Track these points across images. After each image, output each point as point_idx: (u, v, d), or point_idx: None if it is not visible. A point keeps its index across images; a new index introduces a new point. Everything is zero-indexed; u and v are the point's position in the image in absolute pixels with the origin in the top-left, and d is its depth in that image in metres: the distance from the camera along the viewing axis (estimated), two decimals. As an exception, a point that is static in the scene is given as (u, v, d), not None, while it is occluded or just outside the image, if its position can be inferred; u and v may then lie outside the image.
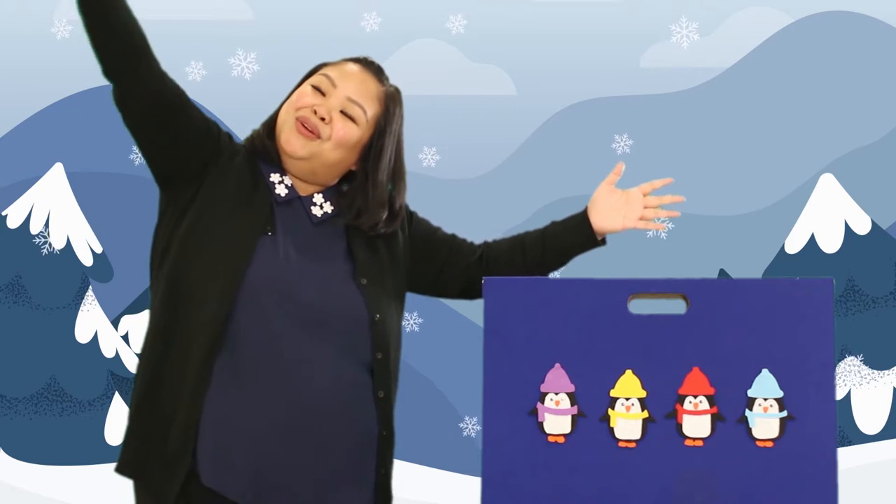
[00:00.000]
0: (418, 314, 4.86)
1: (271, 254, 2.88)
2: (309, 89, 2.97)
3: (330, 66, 3.01)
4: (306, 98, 2.97)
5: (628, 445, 2.72)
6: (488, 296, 2.76)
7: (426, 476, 4.89)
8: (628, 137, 5.04)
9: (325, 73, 2.99)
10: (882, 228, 5.03)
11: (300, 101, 2.97)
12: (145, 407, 2.86)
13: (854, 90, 5.04)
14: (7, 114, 5.04)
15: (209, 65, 4.99)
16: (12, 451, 5.00)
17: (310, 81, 2.99)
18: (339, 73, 2.99)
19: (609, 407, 2.73)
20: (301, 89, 2.99)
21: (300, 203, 2.98)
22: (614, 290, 2.75)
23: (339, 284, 2.93)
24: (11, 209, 5.04)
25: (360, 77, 2.99)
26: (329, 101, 2.96)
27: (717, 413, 2.70)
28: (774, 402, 2.69)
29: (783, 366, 2.70)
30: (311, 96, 2.96)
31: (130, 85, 2.87)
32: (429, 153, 5.02)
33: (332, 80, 2.97)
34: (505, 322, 2.75)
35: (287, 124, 2.97)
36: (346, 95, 2.97)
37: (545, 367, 2.75)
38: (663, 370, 2.71)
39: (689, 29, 5.06)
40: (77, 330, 5.01)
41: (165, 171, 2.98)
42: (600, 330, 2.73)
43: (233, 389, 2.82)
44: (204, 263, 2.85)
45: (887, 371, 5.01)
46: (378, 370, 2.97)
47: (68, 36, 5.05)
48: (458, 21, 5.08)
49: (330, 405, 2.88)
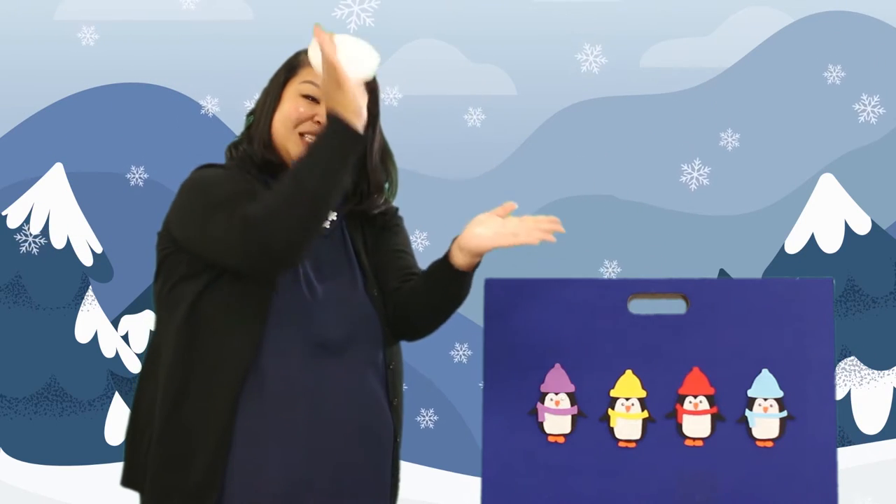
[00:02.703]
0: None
1: (292, 282, 2.87)
2: (300, 100, 2.95)
3: (310, 70, 2.95)
4: (302, 110, 2.94)
5: (628, 445, 2.72)
6: (488, 296, 2.76)
7: (426, 476, 4.89)
8: (628, 138, 5.04)
9: (309, 79, 2.96)
10: (882, 228, 5.03)
11: (296, 114, 2.94)
12: (169, 435, 2.83)
13: (854, 90, 5.04)
14: (7, 114, 5.04)
15: (209, 64, 4.99)
16: (12, 451, 5.00)
17: (298, 90, 2.96)
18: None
19: (609, 407, 2.73)
20: (292, 102, 2.95)
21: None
22: (614, 290, 2.75)
23: (358, 307, 2.93)
24: (11, 209, 5.04)
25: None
26: (323, 108, 2.93)
27: (717, 413, 2.70)
28: (774, 402, 2.70)
29: (783, 366, 2.70)
30: (306, 107, 2.94)
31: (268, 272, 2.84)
32: (429, 153, 5.02)
33: (318, 84, 2.93)
34: (505, 322, 2.75)
35: (291, 142, 2.94)
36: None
37: (545, 367, 2.75)
38: (663, 370, 2.71)
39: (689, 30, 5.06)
40: (77, 330, 5.01)
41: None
42: (600, 330, 2.73)
43: (259, 419, 2.81)
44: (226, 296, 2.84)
45: (887, 371, 5.01)
46: (391, 379, 2.98)
47: (68, 36, 5.05)
48: (458, 21, 5.08)
49: (356, 426, 2.90)
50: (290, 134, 2.94)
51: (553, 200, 5.03)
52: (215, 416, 2.80)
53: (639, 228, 5.00)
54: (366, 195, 3.02)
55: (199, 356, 2.83)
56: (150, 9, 5.05)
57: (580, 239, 4.93)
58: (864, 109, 5.03)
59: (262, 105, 2.99)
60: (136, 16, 5.05)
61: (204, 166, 2.96)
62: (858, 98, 5.03)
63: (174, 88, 4.97)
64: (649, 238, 5.00)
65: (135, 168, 4.98)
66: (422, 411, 4.93)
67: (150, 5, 5.06)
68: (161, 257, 2.93)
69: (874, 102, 5.03)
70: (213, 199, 2.82)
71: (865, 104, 5.03)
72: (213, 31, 5.03)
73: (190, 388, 2.82)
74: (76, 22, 5.06)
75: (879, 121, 5.03)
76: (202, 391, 2.81)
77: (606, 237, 4.98)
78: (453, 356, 4.92)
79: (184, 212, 2.88)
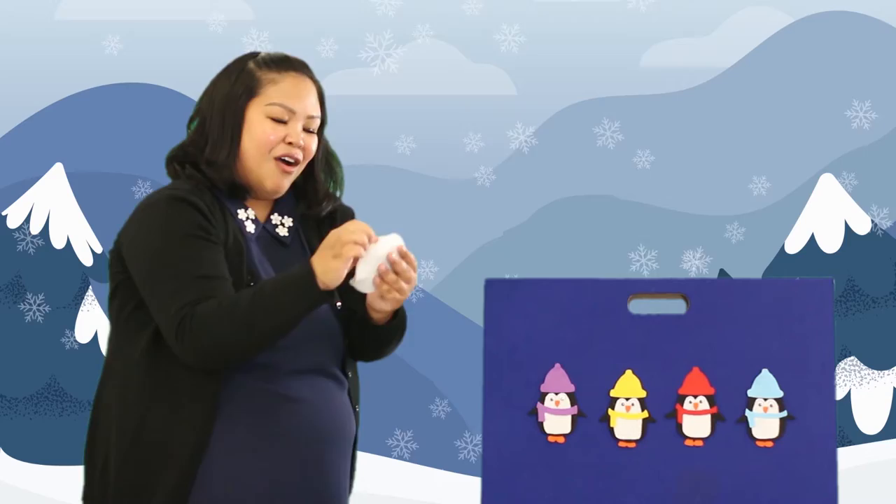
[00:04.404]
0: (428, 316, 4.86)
1: None
2: (269, 124, 2.88)
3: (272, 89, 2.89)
4: (272, 134, 2.88)
5: (628, 445, 2.72)
6: (488, 296, 2.76)
7: (426, 476, 4.89)
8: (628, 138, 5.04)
9: (275, 101, 2.89)
10: (882, 228, 5.03)
11: (265, 138, 2.87)
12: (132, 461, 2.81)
13: (854, 90, 5.04)
14: (7, 114, 5.04)
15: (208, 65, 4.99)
16: (12, 451, 5.00)
17: (265, 112, 2.88)
18: (287, 94, 2.90)
19: (609, 407, 2.73)
20: (261, 126, 2.88)
21: (266, 232, 2.94)
22: (614, 290, 2.75)
23: (324, 322, 2.90)
24: (11, 209, 5.04)
25: (306, 88, 2.91)
26: (293, 127, 2.89)
27: (717, 413, 2.70)
28: (774, 402, 2.69)
29: (783, 366, 2.70)
30: (275, 130, 2.88)
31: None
32: (428, 153, 5.02)
33: (286, 106, 2.88)
34: (505, 322, 2.75)
35: (266, 168, 2.88)
36: (305, 114, 2.91)
37: (545, 367, 2.74)
38: (663, 370, 2.71)
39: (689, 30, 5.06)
40: (77, 330, 5.01)
41: None
42: (600, 330, 2.73)
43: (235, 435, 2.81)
44: None
45: (887, 371, 5.01)
46: (352, 387, 2.98)
47: (69, 35, 5.05)
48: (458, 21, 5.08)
49: (331, 440, 2.90)
50: (264, 160, 2.89)
51: (553, 200, 5.03)
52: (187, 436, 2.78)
53: (639, 228, 5.00)
54: (314, 201, 3.01)
55: (169, 382, 2.80)
56: (150, 9, 5.05)
57: (580, 239, 4.94)
58: (864, 109, 5.03)
59: (219, 127, 2.91)
60: (137, 16, 5.05)
61: (167, 196, 2.86)
62: (859, 98, 5.03)
63: (174, 88, 4.97)
64: (649, 238, 5.00)
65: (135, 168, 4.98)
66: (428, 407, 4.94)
67: (150, 5, 5.06)
68: (116, 281, 2.89)
69: (874, 102, 5.03)
70: (169, 268, 2.78)
71: (865, 104, 5.03)
72: (213, 31, 5.03)
73: (155, 412, 2.80)
74: (76, 22, 5.06)
75: (879, 121, 5.03)
76: (170, 416, 2.80)
77: (606, 237, 4.98)
78: (453, 356, 4.92)
79: (138, 255, 2.84)
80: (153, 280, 2.80)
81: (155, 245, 2.82)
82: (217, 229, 2.83)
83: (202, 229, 2.81)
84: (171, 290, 2.77)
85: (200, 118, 2.96)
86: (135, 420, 2.81)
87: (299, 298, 2.74)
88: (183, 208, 2.83)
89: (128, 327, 2.87)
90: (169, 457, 2.79)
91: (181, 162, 2.94)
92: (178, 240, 2.80)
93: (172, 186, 2.90)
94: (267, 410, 2.83)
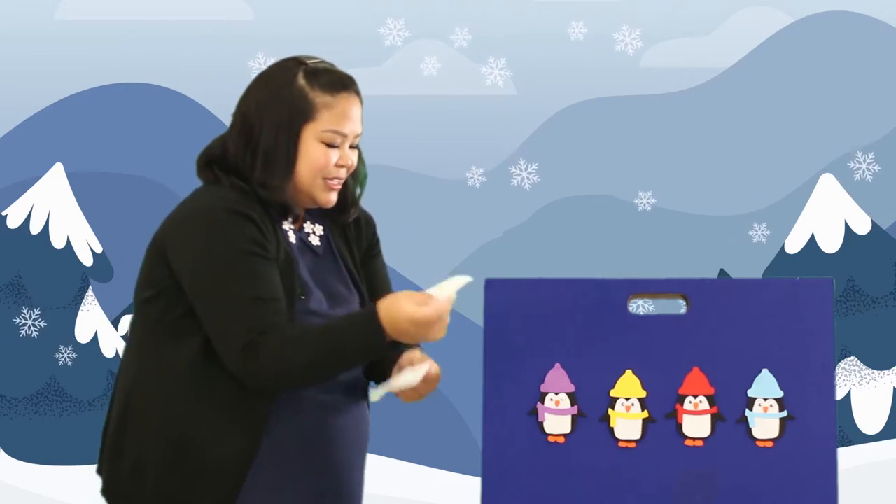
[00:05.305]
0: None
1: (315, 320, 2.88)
2: (323, 149, 2.88)
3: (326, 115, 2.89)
4: (327, 159, 2.88)
5: (628, 445, 2.72)
6: (488, 296, 2.76)
7: (426, 476, 4.89)
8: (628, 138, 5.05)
9: (331, 128, 2.89)
10: (882, 228, 5.03)
11: (319, 164, 2.88)
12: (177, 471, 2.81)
13: (854, 90, 5.04)
14: (7, 114, 5.04)
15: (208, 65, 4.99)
16: (12, 451, 5.00)
17: (320, 138, 2.88)
18: (340, 119, 2.90)
19: (609, 407, 2.73)
20: (317, 151, 2.88)
21: (303, 241, 2.95)
22: (614, 290, 2.75)
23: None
24: (11, 209, 5.04)
25: (356, 107, 2.93)
26: (344, 149, 2.91)
27: (717, 413, 2.70)
28: (774, 402, 2.70)
29: (783, 366, 2.70)
30: (329, 155, 2.89)
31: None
32: (428, 154, 5.02)
33: (340, 131, 2.89)
34: (505, 322, 2.75)
35: (316, 188, 2.89)
36: (354, 134, 2.93)
37: (545, 367, 2.75)
38: (663, 370, 2.71)
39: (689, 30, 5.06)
40: (77, 330, 5.01)
41: None
42: (600, 330, 2.73)
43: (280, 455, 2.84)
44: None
45: (887, 371, 5.01)
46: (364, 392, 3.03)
47: (69, 35, 5.05)
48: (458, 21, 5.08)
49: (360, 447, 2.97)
50: (316, 181, 2.89)
51: (553, 200, 5.03)
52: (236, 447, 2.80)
53: (639, 228, 5.00)
54: (345, 208, 3.01)
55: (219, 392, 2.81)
56: (150, 9, 5.05)
57: (580, 239, 4.94)
58: (864, 109, 5.03)
59: (272, 150, 2.88)
60: (136, 15, 5.05)
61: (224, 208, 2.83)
62: (858, 98, 5.03)
63: (174, 88, 4.97)
64: (649, 238, 5.01)
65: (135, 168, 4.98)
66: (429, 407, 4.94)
67: (150, 5, 5.06)
68: (160, 285, 2.85)
69: (874, 102, 5.03)
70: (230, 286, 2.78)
71: (865, 104, 5.03)
72: (213, 31, 5.03)
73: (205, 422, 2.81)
74: (76, 22, 5.06)
75: (879, 121, 5.03)
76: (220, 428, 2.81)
77: (606, 237, 4.98)
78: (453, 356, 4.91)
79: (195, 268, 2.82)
80: (213, 297, 2.79)
81: (215, 262, 2.80)
82: (271, 244, 2.83)
83: (260, 246, 2.81)
84: (232, 310, 2.77)
85: (245, 127, 2.91)
86: (180, 429, 2.81)
87: (369, 352, 2.81)
88: (242, 223, 2.81)
89: (173, 332, 2.84)
90: (217, 467, 2.80)
91: (223, 169, 2.91)
92: (238, 257, 2.79)
93: (223, 196, 2.86)
94: (313, 422, 2.87)
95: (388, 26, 5.06)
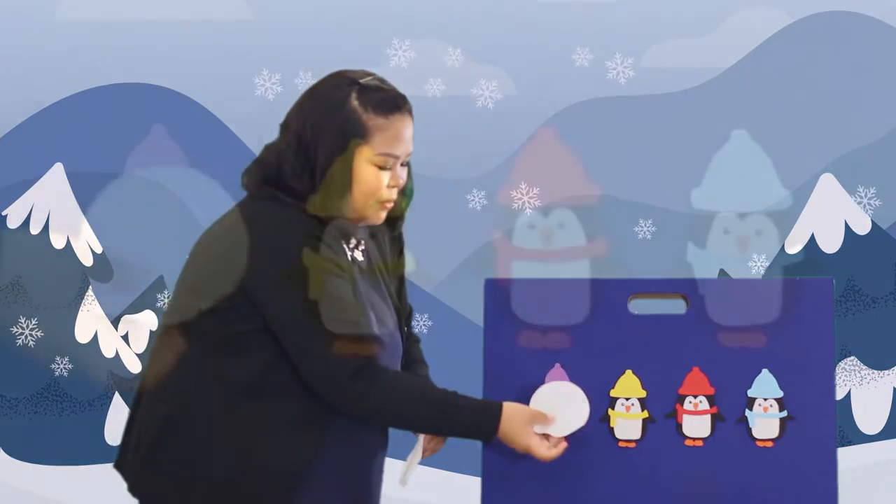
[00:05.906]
0: (428, 316, 4.86)
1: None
2: (376, 173, 2.86)
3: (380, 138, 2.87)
4: (379, 182, 2.87)
5: (628, 445, 2.72)
6: (488, 296, 2.76)
7: (426, 476, 4.89)
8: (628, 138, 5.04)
9: (385, 151, 2.86)
10: (882, 228, 5.03)
11: (372, 187, 2.86)
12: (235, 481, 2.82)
13: (854, 90, 5.04)
14: (7, 114, 5.04)
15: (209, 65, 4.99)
16: (12, 451, 5.00)
17: (374, 161, 2.86)
18: (394, 141, 2.89)
19: (609, 407, 2.73)
20: (371, 174, 2.86)
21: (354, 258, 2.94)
22: (614, 290, 2.75)
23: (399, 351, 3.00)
24: (11, 209, 5.04)
25: (408, 128, 2.91)
26: (395, 170, 2.89)
27: (717, 413, 2.71)
28: (774, 402, 2.70)
29: (783, 366, 2.70)
30: (382, 178, 2.87)
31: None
32: (428, 153, 5.02)
33: (393, 154, 2.88)
34: (505, 322, 2.75)
35: (371, 209, 2.88)
36: (406, 154, 2.92)
37: (545, 367, 2.75)
38: (663, 370, 2.72)
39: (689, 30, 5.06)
40: (77, 330, 5.01)
41: None
42: (600, 330, 2.73)
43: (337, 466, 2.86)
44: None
45: (887, 371, 5.01)
46: None
47: (69, 35, 5.05)
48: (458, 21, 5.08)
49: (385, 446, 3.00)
50: (368, 203, 2.88)
51: (553, 200, 5.03)
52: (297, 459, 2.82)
53: (639, 228, 5.00)
54: (392, 221, 3.01)
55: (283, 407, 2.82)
56: (150, 9, 5.05)
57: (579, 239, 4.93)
58: (864, 109, 5.03)
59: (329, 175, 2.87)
60: (137, 16, 5.05)
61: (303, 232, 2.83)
62: (858, 98, 5.03)
63: (174, 88, 4.97)
64: (649, 238, 5.00)
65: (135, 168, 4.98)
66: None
67: (150, 6, 5.06)
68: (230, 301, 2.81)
69: (874, 102, 5.03)
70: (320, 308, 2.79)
71: (865, 104, 5.03)
72: (213, 31, 5.03)
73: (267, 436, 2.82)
74: (76, 22, 5.06)
75: (879, 121, 5.03)
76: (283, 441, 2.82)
77: (607, 237, 4.98)
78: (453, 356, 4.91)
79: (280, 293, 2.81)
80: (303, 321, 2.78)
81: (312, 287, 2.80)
82: (345, 263, 2.85)
83: (340, 267, 2.82)
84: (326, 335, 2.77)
85: (301, 148, 2.88)
86: (241, 442, 2.81)
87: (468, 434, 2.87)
88: (321, 246, 2.81)
89: (236, 347, 2.82)
90: (274, 481, 2.80)
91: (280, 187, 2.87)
92: (325, 280, 2.79)
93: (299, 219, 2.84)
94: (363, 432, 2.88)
95: (387, 27, 5.06)
